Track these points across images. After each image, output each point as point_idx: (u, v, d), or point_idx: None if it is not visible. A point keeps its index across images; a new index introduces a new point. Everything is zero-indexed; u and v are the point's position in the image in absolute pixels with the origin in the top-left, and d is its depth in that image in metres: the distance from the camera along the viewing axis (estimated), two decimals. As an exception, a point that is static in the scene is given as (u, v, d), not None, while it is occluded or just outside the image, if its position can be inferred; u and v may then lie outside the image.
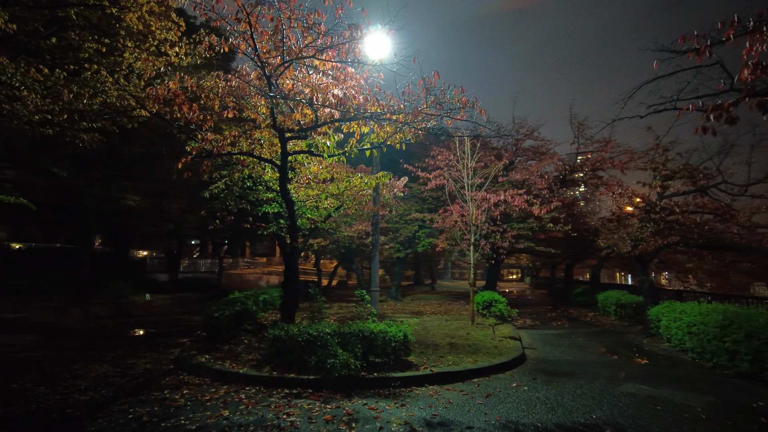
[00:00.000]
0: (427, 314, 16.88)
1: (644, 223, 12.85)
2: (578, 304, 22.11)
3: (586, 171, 18.54)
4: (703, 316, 9.13)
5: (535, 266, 47.23)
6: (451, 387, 7.17)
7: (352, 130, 8.48)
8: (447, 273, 60.43)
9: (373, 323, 8.12)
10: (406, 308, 19.18)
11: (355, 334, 7.65)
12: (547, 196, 17.87)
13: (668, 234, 12.63)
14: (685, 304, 10.93)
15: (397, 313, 17.12)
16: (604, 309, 17.60)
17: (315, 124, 7.34)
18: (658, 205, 13.02)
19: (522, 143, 21.46)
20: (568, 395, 6.78)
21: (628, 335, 13.07)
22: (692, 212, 13.14)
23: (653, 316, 12.00)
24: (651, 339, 12.07)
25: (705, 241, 12.40)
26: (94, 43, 9.81)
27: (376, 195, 10.87)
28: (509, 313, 12.06)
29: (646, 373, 8.40)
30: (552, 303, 25.01)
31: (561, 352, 10.33)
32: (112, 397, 6.72)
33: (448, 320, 14.69)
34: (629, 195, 13.35)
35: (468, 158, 14.23)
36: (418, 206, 23.02)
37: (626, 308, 15.60)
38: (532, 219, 18.43)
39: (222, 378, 7.59)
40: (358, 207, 10.96)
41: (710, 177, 13.41)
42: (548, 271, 38.74)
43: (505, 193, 15.83)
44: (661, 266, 23.45)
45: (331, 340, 7.41)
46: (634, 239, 13.26)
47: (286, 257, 11.91)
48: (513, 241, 17.50)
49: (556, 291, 30.84)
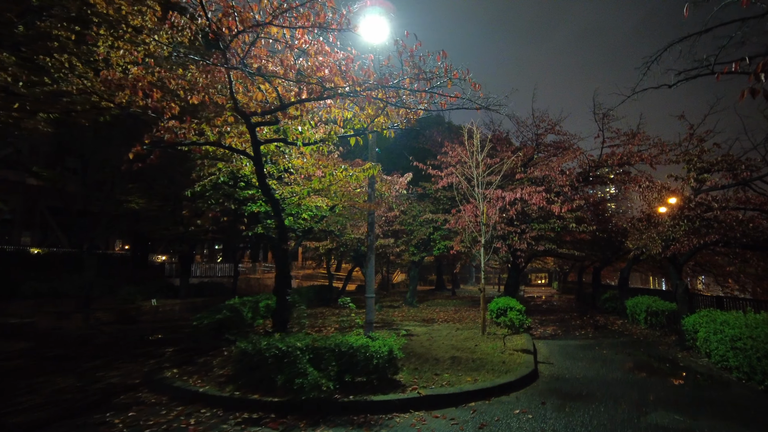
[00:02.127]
0: (439, 322, 15.69)
1: (677, 220, 11.37)
2: (606, 310, 20.49)
3: (612, 166, 17.00)
4: (751, 328, 7.71)
5: (563, 270, 45.16)
6: (440, 413, 6.03)
7: (333, 116, 7.48)
8: (471, 277, 58.71)
9: (354, 337, 7.05)
10: (419, 315, 18.02)
11: (330, 349, 6.61)
12: (570, 194, 16.44)
13: (706, 233, 11.12)
14: (727, 314, 9.46)
15: (407, 321, 16.00)
16: (633, 316, 16.03)
17: (280, 104, 6.35)
18: (693, 200, 11.53)
19: (544, 138, 20.04)
20: (581, 428, 5.55)
21: (660, 347, 11.61)
22: (734, 208, 11.59)
23: (689, 326, 10.54)
24: (687, 353, 10.61)
25: (749, 240, 10.84)
26: (63, 31, 9.12)
27: (372, 191, 9.81)
28: (522, 323, 10.78)
29: (681, 396, 7.06)
30: (578, 309, 23.40)
31: (581, 368, 9.03)
32: (49, 418, 5.89)
33: (460, 329, 13.48)
34: (658, 189, 11.87)
35: (477, 151, 13.03)
36: (433, 207, 21.81)
37: (658, 316, 14.06)
38: (555, 219, 17.02)
39: (181, 397, 6.67)
40: (348, 204, 9.91)
41: (755, 169, 11.82)
42: (576, 275, 36.77)
43: (522, 190, 14.55)
44: (698, 269, 21.51)
45: (302, 357, 6.39)
46: (665, 239, 11.80)
47: (277, 260, 11.01)
48: (532, 243, 16.13)
49: (583, 296, 29.06)
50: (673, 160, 13.76)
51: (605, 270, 30.68)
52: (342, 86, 5.81)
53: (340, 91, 6.03)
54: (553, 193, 16.11)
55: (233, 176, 9.81)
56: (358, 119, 7.23)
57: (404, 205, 20.76)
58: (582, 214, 18.35)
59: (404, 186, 13.35)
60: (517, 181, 17.17)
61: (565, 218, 16.83)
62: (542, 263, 46.44)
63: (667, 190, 11.89)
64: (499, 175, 13.70)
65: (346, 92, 5.99)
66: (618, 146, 17.15)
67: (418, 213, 21.56)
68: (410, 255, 23.20)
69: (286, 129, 7.13)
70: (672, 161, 13.96)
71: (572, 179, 16.31)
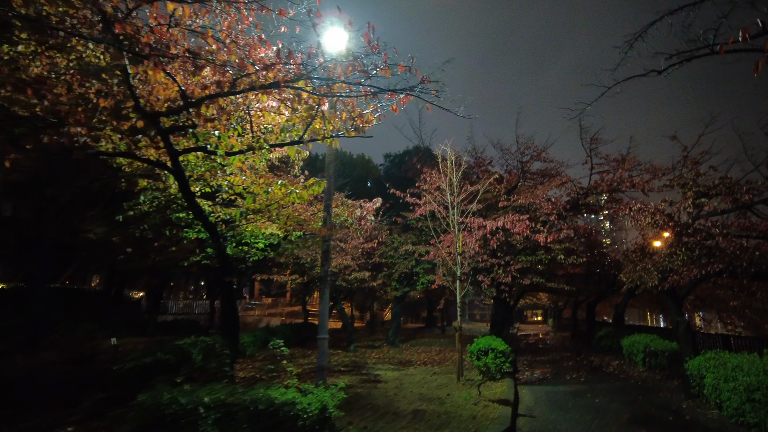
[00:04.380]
0: (416, 365, 14.14)
1: (674, 249, 10.15)
2: (602, 349, 18.94)
3: (602, 193, 15.90)
4: (771, 376, 6.37)
5: (557, 306, 43.51)
6: (379, 495, 4.61)
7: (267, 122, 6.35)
8: (464, 315, 56.91)
9: (281, 390, 5.64)
10: (397, 357, 16.45)
11: (244, 407, 5.20)
12: (557, 223, 15.26)
13: (707, 263, 9.88)
14: (738, 356, 8.09)
15: (382, 363, 14.45)
16: (630, 357, 14.54)
17: (185, 102, 5.18)
18: (692, 226, 10.35)
19: (529, 165, 19.05)
20: None
21: (662, 394, 10.15)
22: (736, 235, 10.41)
23: (694, 370, 9.13)
24: (693, 402, 9.15)
25: (757, 270, 9.60)
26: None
27: (327, 215, 8.58)
28: (500, 368, 9.35)
29: (689, 464, 5.65)
30: (573, 348, 21.83)
31: (569, 422, 7.59)
32: None
33: (436, 374, 11.99)
34: (651, 211, 10.68)
35: (452, 173, 11.91)
36: (416, 238, 20.52)
37: (657, 357, 12.60)
38: (542, 250, 15.78)
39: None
40: (295, 228, 8.64)
41: (756, 192, 10.70)
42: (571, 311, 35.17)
43: (505, 218, 13.37)
44: (698, 304, 20.10)
45: (207, 416, 4.99)
46: (662, 270, 10.54)
47: (221, 295, 9.66)
48: (517, 276, 14.81)
49: (579, 334, 27.48)
50: (667, 184, 12.65)
51: (601, 305, 29.21)
52: (251, 71, 4.66)
53: (257, 83, 4.87)
54: (539, 222, 14.93)
55: (169, 198, 8.56)
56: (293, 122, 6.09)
57: (382, 235, 19.47)
58: (572, 245, 17.09)
59: (372, 212, 12.14)
60: (501, 210, 16.02)
61: (553, 249, 15.60)
62: (536, 299, 44.85)
63: (661, 213, 10.70)
64: (476, 199, 12.53)
65: (262, 84, 4.83)
66: (607, 172, 16.09)
67: (399, 244, 20.25)
68: (392, 290, 21.70)
69: (205, 135, 5.95)
70: (666, 186, 12.85)
71: (559, 207, 15.17)
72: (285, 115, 6.15)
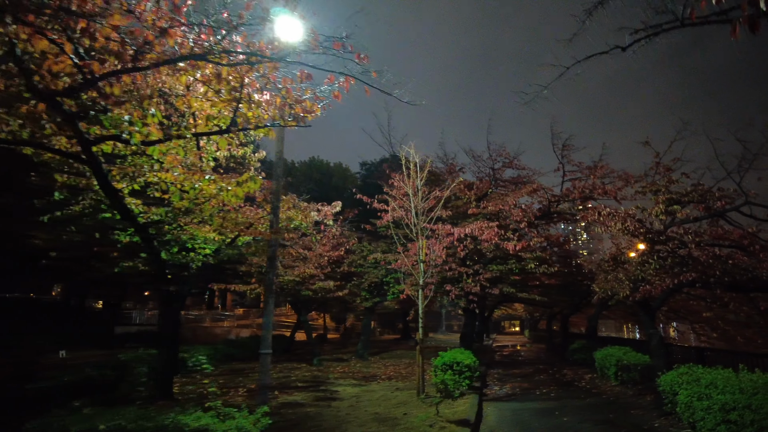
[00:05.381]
0: (380, 380, 13.37)
1: (646, 257, 9.69)
2: (576, 362, 18.42)
3: (574, 201, 15.49)
4: (749, 395, 5.81)
5: (534, 317, 43.24)
6: None
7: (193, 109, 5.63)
8: (441, 325, 56.21)
9: (194, 415, 4.84)
10: (363, 371, 15.66)
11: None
12: (527, 231, 14.76)
13: (680, 272, 9.42)
14: (713, 372, 7.56)
15: (345, 378, 13.65)
16: (602, 371, 14.01)
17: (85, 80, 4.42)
18: (664, 234, 9.91)
19: (502, 173, 18.63)
20: None
21: (633, 411, 9.58)
22: (709, 244, 10.00)
23: (666, 386, 8.57)
24: (665, 420, 8.59)
25: (731, 280, 9.17)
26: None
27: (275, 218, 7.84)
28: (458, 385, 8.67)
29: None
30: (546, 361, 21.31)
31: (533, 447, 6.93)
32: None
33: (398, 389, 11.25)
34: (622, 216, 10.20)
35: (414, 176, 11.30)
36: (386, 246, 19.81)
37: (630, 371, 12.08)
38: (513, 259, 15.24)
39: None
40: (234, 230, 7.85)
41: (728, 199, 10.34)
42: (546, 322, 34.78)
43: (473, 225, 12.81)
44: (672, 315, 19.82)
45: (96, 450, 4.18)
46: (634, 280, 10.06)
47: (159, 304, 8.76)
48: (487, 286, 14.20)
49: (553, 346, 27.03)
50: (640, 191, 12.25)
51: (577, 317, 28.89)
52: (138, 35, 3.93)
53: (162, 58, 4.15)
54: (509, 230, 14.41)
55: (99, 197, 7.70)
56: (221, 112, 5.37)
57: (350, 243, 18.74)
58: (544, 255, 16.64)
59: (330, 216, 11.39)
60: (471, 218, 15.46)
61: (524, 258, 15.09)
62: (513, 310, 44.53)
63: (632, 219, 10.23)
64: (441, 203, 11.93)
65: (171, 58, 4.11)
66: (579, 179, 15.70)
67: (368, 253, 19.51)
68: (362, 300, 20.88)
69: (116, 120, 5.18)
70: (639, 193, 12.45)
71: (529, 215, 14.68)
72: (213, 100, 5.43)
